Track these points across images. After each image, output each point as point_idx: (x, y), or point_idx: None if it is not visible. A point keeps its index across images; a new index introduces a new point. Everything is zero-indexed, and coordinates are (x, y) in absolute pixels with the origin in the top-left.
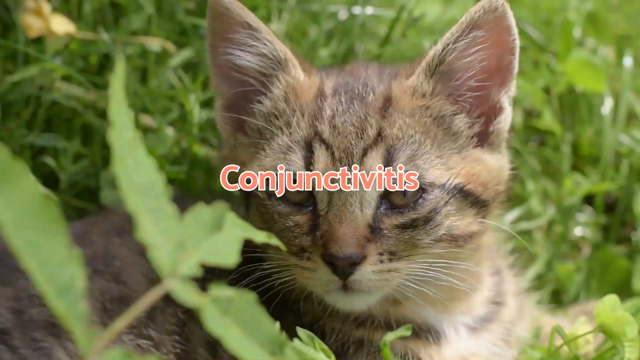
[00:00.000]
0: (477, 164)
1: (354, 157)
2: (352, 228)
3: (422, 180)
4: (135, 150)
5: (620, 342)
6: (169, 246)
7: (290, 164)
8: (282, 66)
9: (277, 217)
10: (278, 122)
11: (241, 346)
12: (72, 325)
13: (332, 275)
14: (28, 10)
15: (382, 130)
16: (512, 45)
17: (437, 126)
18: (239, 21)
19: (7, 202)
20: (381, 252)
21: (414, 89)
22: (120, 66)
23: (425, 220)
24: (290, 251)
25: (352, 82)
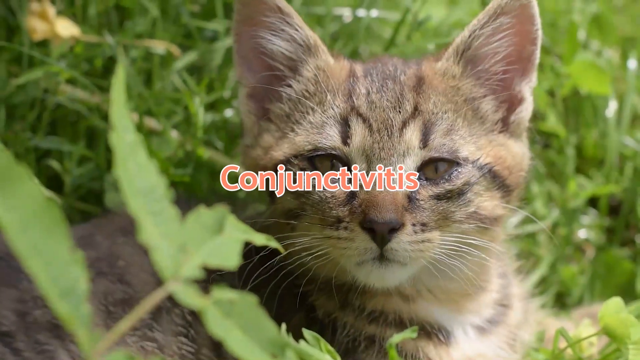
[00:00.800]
0: (502, 148)
1: (393, 129)
2: (391, 195)
3: (457, 154)
4: (136, 153)
5: (624, 345)
6: (171, 248)
7: (326, 138)
8: (312, 52)
9: (313, 189)
10: (309, 102)
11: (243, 348)
12: (75, 328)
13: (370, 243)
14: (33, 13)
15: (419, 105)
16: (535, 35)
17: (467, 107)
18: (271, 5)
19: (11, 205)
20: (415, 223)
21: (444, 70)
22: (121, 70)
23: (459, 193)
24: (326, 223)
25: (381, 66)
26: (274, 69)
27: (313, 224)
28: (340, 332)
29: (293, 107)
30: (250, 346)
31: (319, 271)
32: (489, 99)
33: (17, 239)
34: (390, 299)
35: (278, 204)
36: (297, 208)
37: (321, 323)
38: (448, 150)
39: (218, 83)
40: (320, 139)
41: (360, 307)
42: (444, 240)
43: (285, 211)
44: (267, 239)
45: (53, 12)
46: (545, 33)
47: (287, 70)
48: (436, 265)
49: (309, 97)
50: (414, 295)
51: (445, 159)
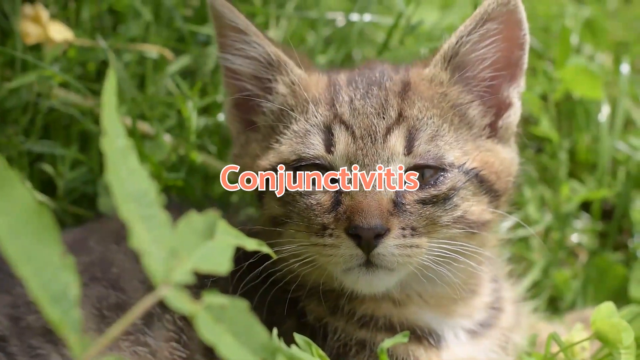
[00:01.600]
0: (490, 153)
1: (377, 136)
2: (376, 201)
3: (442, 160)
4: (127, 158)
5: (616, 349)
6: (162, 253)
7: (309, 147)
8: (276, 69)
9: (299, 197)
10: (292, 113)
11: (234, 353)
12: (66, 333)
13: (356, 249)
14: (26, 17)
15: (403, 111)
16: (522, 40)
17: (454, 113)
18: (229, 25)
19: (1, 210)
20: (403, 227)
21: (432, 77)
22: (112, 74)
23: (445, 198)
24: (311, 230)
25: (367, 72)
26: (242, 90)
27: (299, 231)
28: (331, 337)
29: (276, 119)
30: (242, 351)
31: (307, 277)
32: (477, 105)
33: (7, 244)
34: (381, 303)
35: (265, 210)
36: (283, 215)
37: (312, 328)
38: (433, 156)
39: (211, 87)
40: (303, 148)
41: (351, 312)
42: (431, 246)
43: (271, 218)
44: (258, 244)
45: (46, 16)
46: (538, 37)
47: (257, 89)
48: (423, 271)
49: (290, 109)
50: (404, 300)
51: (430, 166)
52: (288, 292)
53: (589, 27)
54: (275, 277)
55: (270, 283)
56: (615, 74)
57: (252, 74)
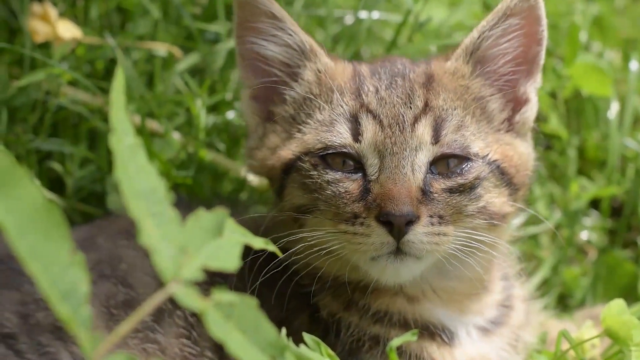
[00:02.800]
0: (509, 147)
1: (405, 124)
2: (406, 189)
3: (468, 150)
4: (136, 156)
5: (626, 346)
6: (171, 250)
7: (336, 135)
8: (308, 56)
9: (326, 185)
10: (316, 102)
11: (242, 350)
12: (76, 329)
13: (387, 237)
14: (34, 15)
15: (429, 101)
16: (541, 35)
17: (475, 106)
18: (264, 11)
19: (11, 207)
20: (432, 215)
21: (454, 70)
22: (121, 72)
23: (470, 187)
24: (340, 218)
25: (389, 65)
26: (271, 75)
27: (326, 219)
28: (344, 333)
29: (298, 108)
30: (250, 348)
31: (328, 269)
32: (496, 99)
33: (17, 241)
34: (396, 299)
35: (287, 200)
36: (309, 204)
37: (325, 323)
38: (460, 146)
39: (220, 85)
40: (330, 136)
41: (365, 307)
42: (456, 235)
43: (295, 207)
44: (265, 243)
45: (55, 14)
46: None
47: (285, 76)
48: (447, 261)
49: (314, 98)
50: (419, 297)
51: (457, 155)
52: (302, 287)
53: (597, 25)
54: (290, 270)
55: (285, 277)
56: (624, 71)
57: (283, 61)
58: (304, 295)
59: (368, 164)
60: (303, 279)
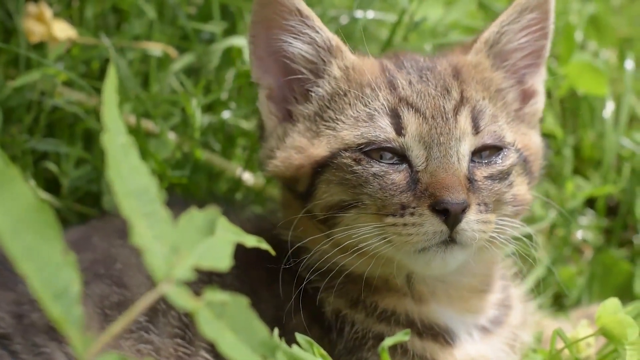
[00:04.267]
0: (526, 137)
1: (448, 115)
2: (456, 177)
3: (503, 140)
4: (129, 155)
5: (621, 345)
6: (163, 250)
7: (379, 130)
8: (334, 53)
9: (372, 178)
10: (345, 99)
11: (234, 350)
12: (68, 330)
13: (441, 225)
14: (30, 16)
15: (464, 92)
16: (548, 29)
17: (498, 98)
18: (290, 8)
19: (3, 207)
20: (479, 203)
21: (477, 63)
22: (113, 72)
23: (507, 174)
24: (387, 211)
25: (412, 59)
26: (295, 72)
27: (369, 214)
28: (348, 330)
29: (325, 105)
30: (242, 348)
31: (349, 266)
32: (513, 91)
33: (9, 242)
34: (404, 299)
35: (322, 199)
36: (351, 199)
37: (328, 321)
38: (497, 137)
39: (215, 85)
40: (372, 131)
41: (372, 305)
42: (496, 221)
43: (331, 205)
44: (257, 241)
45: (50, 14)
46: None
47: (309, 73)
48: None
49: (343, 94)
50: (428, 297)
51: (496, 146)
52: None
53: (593, 24)
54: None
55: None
56: (620, 70)
57: (308, 58)
58: (303, 294)
59: (414, 156)
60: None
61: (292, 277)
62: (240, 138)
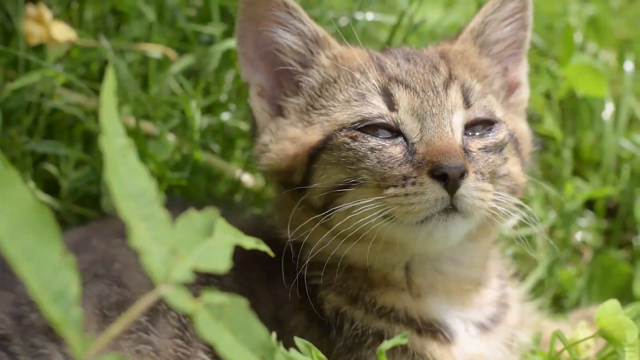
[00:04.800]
0: (513, 121)
1: (438, 89)
2: (451, 144)
3: (494, 114)
4: (127, 157)
5: (620, 347)
6: (162, 252)
7: (372, 107)
8: (321, 44)
9: (370, 153)
10: (335, 86)
11: (232, 351)
12: (66, 331)
13: (441, 191)
14: (29, 18)
15: (452, 70)
16: (528, 21)
17: (485, 81)
18: (277, 2)
19: (1, 210)
20: (475, 171)
21: (463, 50)
22: (111, 73)
23: (500, 146)
24: (388, 183)
25: (398, 48)
26: (284, 64)
27: (369, 189)
28: (348, 327)
29: (316, 94)
30: (240, 349)
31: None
32: (498, 79)
33: (7, 243)
34: (402, 295)
35: (320, 182)
36: (350, 177)
37: (327, 320)
38: (488, 111)
39: (214, 86)
40: (365, 108)
41: (371, 301)
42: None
43: (330, 187)
44: (256, 242)
45: (49, 16)
46: (542, 35)
47: (298, 65)
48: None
49: (333, 82)
50: (425, 290)
51: (487, 120)
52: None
53: (592, 25)
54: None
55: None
56: (619, 71)
57: (297, 50)
58: (302, 294)
59: (408, 129)
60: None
61: (291, 277)
62: (239, 140)
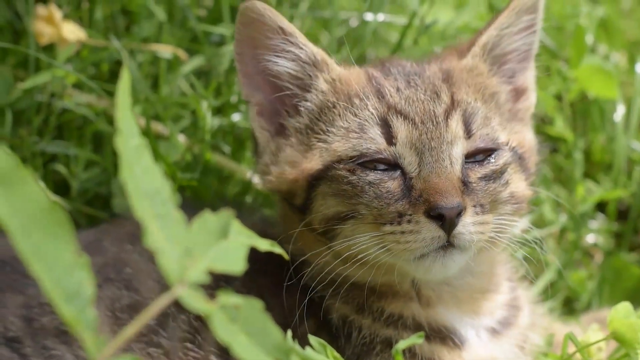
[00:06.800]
0: (519, 135)
1: (438, 119)
2: (450, 180)
3: (497, 141)
4: (142, 157)
5: (633, 349)
6: (177, 253)
7: (370, 142)
8: (319, 67)
9: (368, 187)
10: (333, 111)
11: (248, 353)
12: (81, 332)
13: (438, 231)
14: (39, 18)
15: (455, 95)
16: (538, 26)
17: (492, 101)
18: (273, 27)
19: (14, 208)
20: (475, 205)
21: (472, 67)
22: (126, 73)
23: (501, 172)
24: (384, 219)
25: (398, 65)
26: (283, 89)
27: (366, 224)
28: (356, 335)
29: (315, 118)
30: (256, 351)
31: (352, 275)
32: (506, 91)
33: (21, 242)
34: (410, 303)
35: (318, 212)
36: (348, 210)
37: (335, 327)
38: (490, 139)
39: (225, 87)
40: (363, 143)
41: (379, 310)
42: (494, 222)
43: (329, 217)
44: (271, 245)
45: (59, 16)
46: (552, 37)
47: (297, 88)
48: (491, 244)
49: (332, 107)
50: (434, 300)
51: (488, 149)
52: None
53: (603, 27)
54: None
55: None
56: (630, 73)
57: (294, 75)
58: (310, 302)
59: (406, 163)
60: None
61: (297, 286)
62: (250, 141)
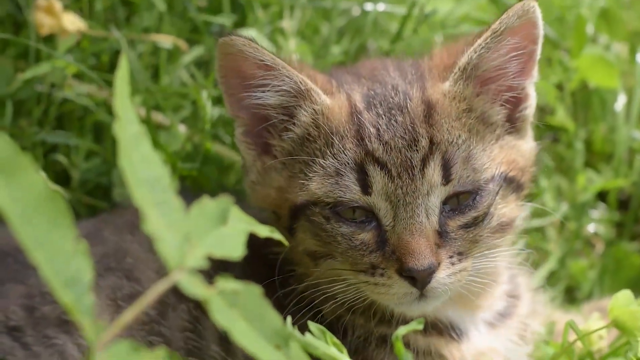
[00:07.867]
0: (513, 150)
1: (414, 170)
2: (424, 238)
3: (478, 182)
4: (140, 144)
5: (634, 337)
6: (176, 239)
7: (345, 190)
8: (305, 96)
9: (341, 238)
10: (314, 145)
11: (247, 338)
12: (79, 317)
13: (410, 288)
14: (40, 8)
15: (434, 137)
16: (537, 36)
17: (479, 123)
18: (254, 62)
19: (14, 196)
20: (451, 255)
21: (454, 94)
22: (125, 61)
23: (484, 215)
24: (359, 269)
25: (380, 90)
26: (268, 119)
27: (344, 269)
28: (351, 334)
29: (297, 147)
30: (255, 337)
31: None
32: (499, 105)
33: (21, 230)
34: None
35: (300, 245)
36: (324, 253)
37: (330, 324)
38: (471, 181)
39: None
40: (339, 191)
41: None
42: (474, 263)
43: (309, 252)
44: (270, 231)
45: (59, 7)
46: (553, 27)
47: (282, 115)
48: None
49: (313, 140)
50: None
51: (469, 192)
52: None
53: (604, 17)
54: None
55: None
56: (631, 63)
57: (279, 104)
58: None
59: (381, 215)
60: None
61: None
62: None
